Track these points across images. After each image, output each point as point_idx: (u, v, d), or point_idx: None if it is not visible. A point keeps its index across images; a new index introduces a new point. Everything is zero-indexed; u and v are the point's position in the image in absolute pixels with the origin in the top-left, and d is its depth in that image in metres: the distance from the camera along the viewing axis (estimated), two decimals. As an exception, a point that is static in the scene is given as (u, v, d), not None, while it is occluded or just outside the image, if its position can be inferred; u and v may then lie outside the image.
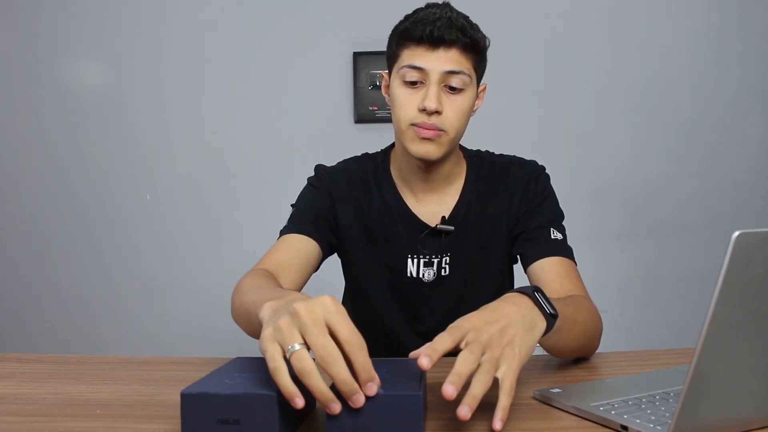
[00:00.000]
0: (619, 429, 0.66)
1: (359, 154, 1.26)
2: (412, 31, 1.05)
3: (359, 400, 0.60)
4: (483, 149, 1.26)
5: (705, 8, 2.39)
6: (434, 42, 1.04)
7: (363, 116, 2.38)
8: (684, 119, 2.41)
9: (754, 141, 2.42)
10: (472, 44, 1.06)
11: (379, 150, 1.25)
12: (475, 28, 1.08)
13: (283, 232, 1.14)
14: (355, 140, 2.37)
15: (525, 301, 0.75)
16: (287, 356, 0.61)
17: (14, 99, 2.47)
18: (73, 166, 2.46)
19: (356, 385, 0.60)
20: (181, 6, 2.42)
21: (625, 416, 0.67)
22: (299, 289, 1.09)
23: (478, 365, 0.66)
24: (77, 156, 2.46)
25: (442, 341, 0.67)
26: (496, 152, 1.25)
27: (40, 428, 0.72)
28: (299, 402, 0.60)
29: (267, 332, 0.63)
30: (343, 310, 0.63)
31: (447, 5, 1.08)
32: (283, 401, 0.63)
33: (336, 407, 0.61)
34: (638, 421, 0.65)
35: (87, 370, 0.98)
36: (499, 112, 2.37)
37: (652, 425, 0.64)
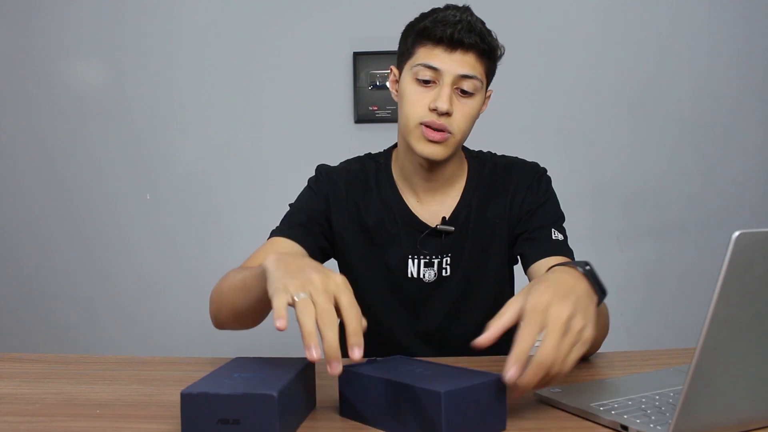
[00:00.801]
0: (619, 429, 0.66)
1: (362, 154, 1.26)
2: (432, 31, 1.05)
3: (337, 369, 0.64)
4: (485, 149, 1.26)
5: (705, 8, 2.38)
6: (453, 44, 1.04)
7: (363, 116, 2.38)
8: (684, 119, 2.41)
9: (754, 141, 2.42)
10: (489, 51, 1.07)
11: (381, 150, 1.26)
12: (492, 35, 1.09)
13: (273, 233, 1.14)
14: (355, 140, 2.37)
15: (580, 275, 0.76)
16: (293, 302, 0.67)
17: (14, 99, 2.46)
18: (73, 166, 2.46)
19: (339, 354, 0.64)
20: (180, 6, 2.42)
21: (625, 416, 0.67)
22: None
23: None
24: (77, 156, 2.45)
25: (527, 340, 0.66)
26: (498, 153, 1.25)
27: (40, 428, 0.72)
28: (282, 322, 0.65)
29: (280, 282, 0.70)
30: (350, 288, 0.70)
31: (467, 8, 1.08)
32: (283, 401, 0.63)
33: (313, 354, 0.64)
34: (638, 421, 0.65)
35: (87, 370, 0.98)
36: (499, 113, 2.36)
37: (652, 425, 0.64)
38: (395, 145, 1.23)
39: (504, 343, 1.30)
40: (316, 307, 0.67)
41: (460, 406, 0.62)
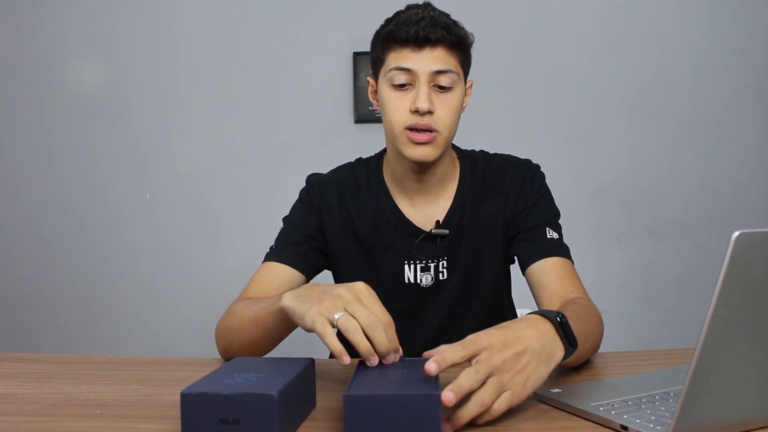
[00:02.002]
0: (619, 429, 0.66)
1: (353, 160, 1.25)
2: (397, 33, 1.05)
3: (391, 359, 0.74)
4: (484, 149, 1.25)
5: (705, 8, 2.39)
6: (419, 42, 1.04)
7: (363, 116, 2.38)
8: (684, 119, 2.41)
9: (754, 141, 2.42)
10: (458, 41, 1.06)
11: (373, 154, 1.25)
12: (458, 25, 1.08)
13: (268, 256, 1.14)
14: (355, 140, 2.37)
15: (547, 328, 0.74)
16: (334, 323, 0.73)
17: (14, 99, 2.47)
18: (73, 166, 2.46)
19: (391, 348, 0.74)
20: (181, 6, 2.42)
21: (625, 416, 0.67)
22: None
23: (482, 384, 0.66)
24: (77, 156, 2.46)
25: (453, 353, 0.67)
26: (495, 152, 1.25)
27: (40, 428, 0.72)
28: (346, 359, 0.72)
29: (313, 310, 0.75)
30: (375, 294, 0.77)
31: (428, 5, 1.08)
32: (283, 401, 0.63)
33: (375, 360, 0.73)
34: (638, 421, 0.65)
35: (87, 370, 0.98)
36: (499, 112, 2.37)
37: (652, 425, 0.64)
38: (385, 149, 1.22)
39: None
40: (356, 318, 0.73)
41: (369, 412, 0.62)
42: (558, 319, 0.75)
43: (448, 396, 0.63)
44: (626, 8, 2.39)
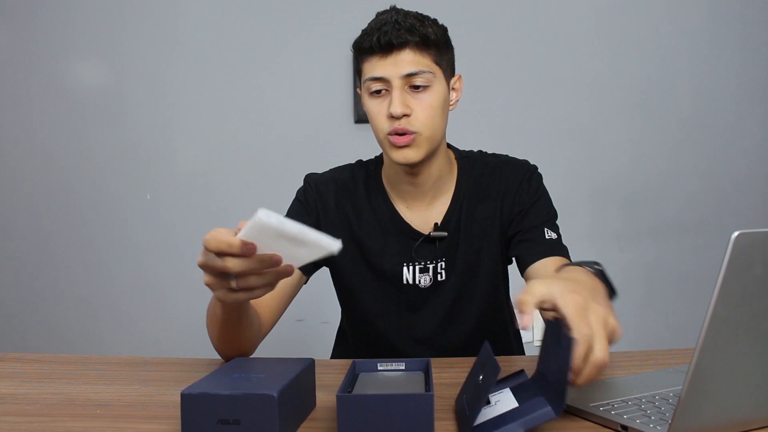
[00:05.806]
0: (619, 429, 0.66)
1: (353, 162, 1.26)
2: (363, 43, 1.07)
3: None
4: (483, 149, 1.25)
5: (705, 8, 2.39)
6: (384, 48, 1.04)
7: (363, 116, 2.38)
8: (684, 119, 2.41)
9: (754, 141, 2.42)
10: (424, 41, 1.05)
11: (373, 157, 1.25)
12: (426, 23, 1.06)
13: None
14: (355, 140, 2.37)
15: (591, 275, 0.77)
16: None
17: (14, 99, 2.46)
18: (74, 166, 2.46)
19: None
20: (181, 6, 2.42)
21: (625, 416, 0.67)
22: (280, 315, 1.12)
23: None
24: (77, 156, 2.45)
25: (584, 345, 0.63)
26: (495, 152, 1.25)
27: (40, 428, 0.72)
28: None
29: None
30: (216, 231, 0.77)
31: (393, 9, 1.09)
32: (283, 401, 0.63)
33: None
34: (638, 421, 0.65)
35: (87, 370, 0.98)
36: (499, 112, 2.37)
37: (652, 425, 0.64)
38: None
39: (498, 343, 1.30)
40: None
41: (362, 412, 0.62)
42: (596, 266, 0.78)
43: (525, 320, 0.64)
44: (626, 8, 2.39)
